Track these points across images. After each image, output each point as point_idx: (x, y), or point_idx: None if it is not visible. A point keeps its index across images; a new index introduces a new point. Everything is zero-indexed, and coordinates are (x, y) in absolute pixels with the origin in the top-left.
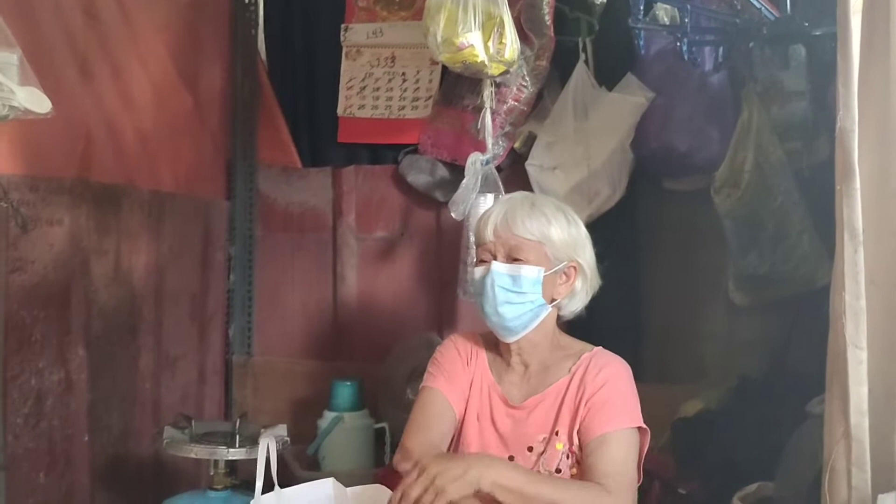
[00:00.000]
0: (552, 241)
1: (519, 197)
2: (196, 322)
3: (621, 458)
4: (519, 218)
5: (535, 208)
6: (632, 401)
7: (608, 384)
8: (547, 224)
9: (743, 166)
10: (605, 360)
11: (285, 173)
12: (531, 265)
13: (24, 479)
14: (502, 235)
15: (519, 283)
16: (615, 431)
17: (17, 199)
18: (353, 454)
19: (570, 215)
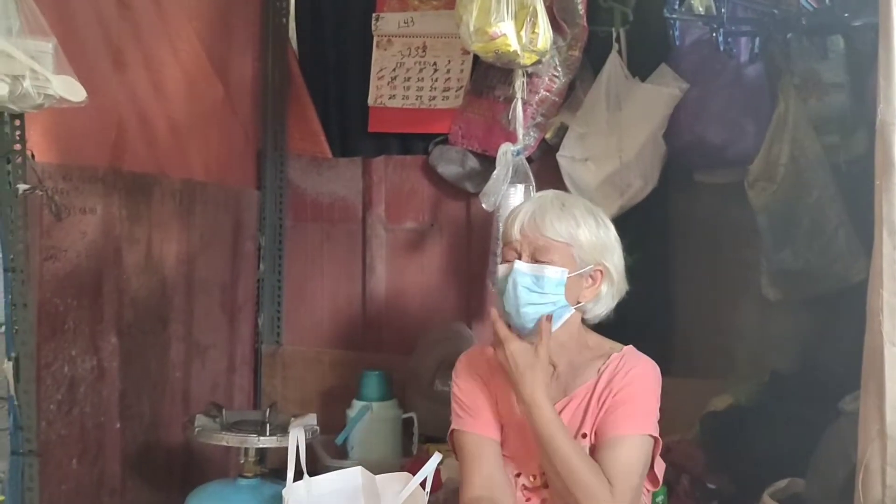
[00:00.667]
0: (580, 243)
1: (549, 196)
2: (226, 311)
3: (630, 462)
4: (548, 218)
5: (564, 209)
6: (651, 407)
7: (631, 386)
8: (576, 226)
9: (778, 160)
10: (634, 361)
11: (315, 163)
12: (555, 266)
13: (57, 465)
14: (529, 235)
15: (541, 284)
16: (628, 436)
17: (51, 188)
18: (381, 444)
19: (601, 218)
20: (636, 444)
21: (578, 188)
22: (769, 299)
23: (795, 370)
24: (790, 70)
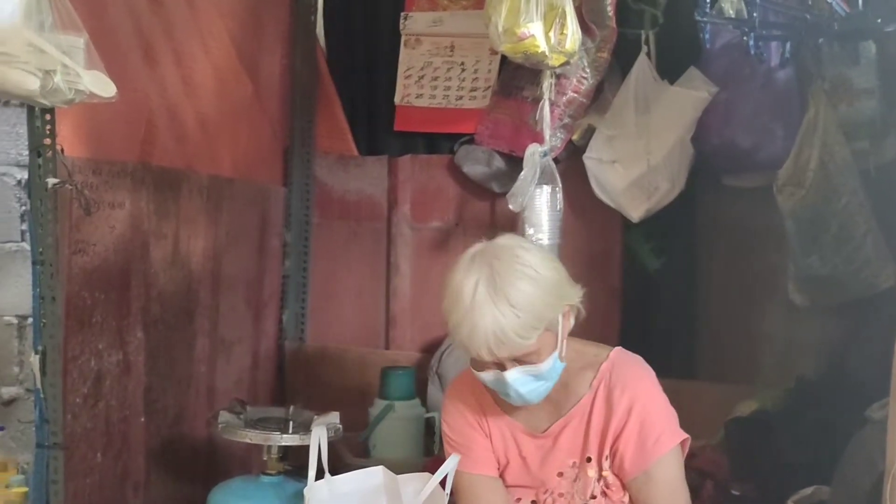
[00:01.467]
0: (547, 319)
1: (486, 297)
2: (251, 308)
3: (670, 488)
4: (511, 332)
5: (515, 307)
6: (664, 416)
7: (635, 408)
8: (534, 311)
9: (808, 165)
10: (625, 372)
11: (342, 161)
12: (544, 358)
13: (82, 458)
14: (501, 354)
15: (541, 377)
16: (657, 462)
17: (80, 182)
18: (403, 443)
19: (532, 268)
20: (668, 464)
21: (605, 190)
22: (796, 305)
23: (822, 376)
24: (821, 75)
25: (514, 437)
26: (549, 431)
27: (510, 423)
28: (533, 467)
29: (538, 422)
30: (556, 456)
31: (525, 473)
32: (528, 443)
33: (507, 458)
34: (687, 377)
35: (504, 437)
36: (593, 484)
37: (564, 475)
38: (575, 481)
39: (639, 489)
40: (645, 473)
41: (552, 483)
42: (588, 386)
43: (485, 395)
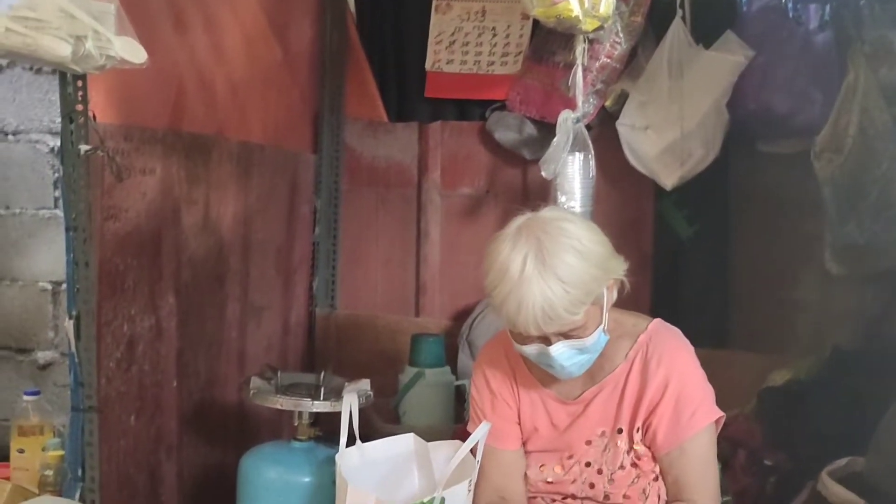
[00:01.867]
0: (594, 293)
1: (535, 272)
2: (281, 273)
3: (702, 463)
4: (560, 308)
5: (565, 283)
6: (700, 392)
7: (671, 383)
8: (583, 286)
9: (846, 130)
10: (663, 343)
11: (372, 127)
12: (590, 332)
13: (116, 420)
14: (549, 330)
15: (586, 350)
16: (691, 438)
17: (112, 148)
18: (433, 410)
19: (580, 241)
20: (701, 440)
21: (638, 157)
22: (832, 273)
23: (858, 346)
24: (861, 38)
25: (545, 405)
26: (581, 398)
27: (541, 391)
28: (561, 434)
29: (570, 389)
30: (585, 423)
31: (552, 439)
32: (559, 409)
33: (535, 425)
34: (719, 346)
35: (534, 404)
36: (623, 455)
37: (593, 443)
38: (604, 451)
39: (671, 464)
40: (679, 448)
41: (579, 450)
42: (624, 356)
43: (517, 361)
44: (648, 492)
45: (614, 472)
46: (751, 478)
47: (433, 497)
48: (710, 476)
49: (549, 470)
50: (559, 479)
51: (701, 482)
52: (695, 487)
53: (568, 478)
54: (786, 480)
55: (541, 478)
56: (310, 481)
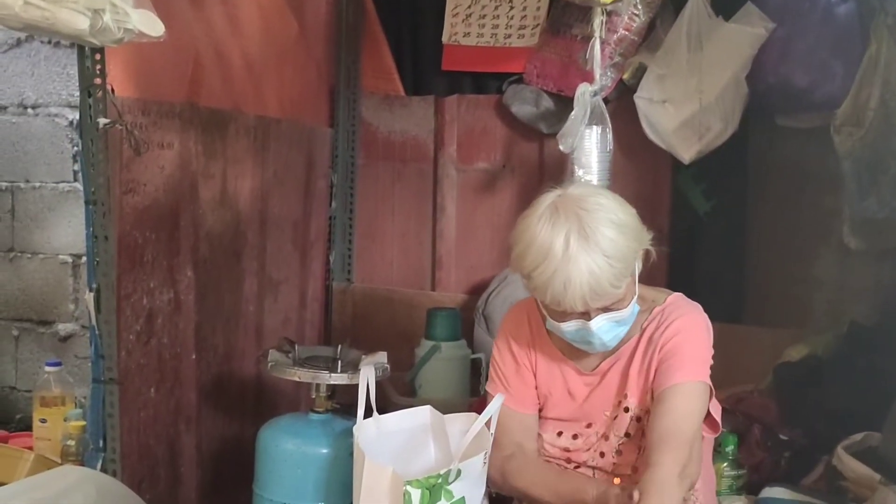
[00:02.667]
0: (629, 264)
1: (580, 249)
2: (298, 248)
3: (683, 412)
4: (606, 283)
5: (610, 257)
6: (701, 353)
7: (677, 336)
8: (625, 259)
9: (867, 104)
10: (677, 311)
11: (388, 101)
12: (626, 303)
13: (136, 392)
14: (595, 305)
15: (623, 322)
16: (679, 384)
17: (130, 122)
18: (449, 383)
19: (617, 215)
20: (688, 391)
21: (655, 130)
22: (850, 248)
23: (876, 322)
24: (884, 9)
25: (563, 373)
26: (598, 369)
27: (560, 359)
28: (580, 403)
29: (589, 360)
30: (602, 394)
31: (570, 409)
32: (576, 380)
33: (550, 391)
34: (736, 322)
35: (551, 372)
36: (629, 421)
37: (611, 414)
38: (614, 419)
39: (653, 407)
40: (662, 394)
41: (599, 421)
42: (640, 328)
43: (539, 329)
44: None
45: (621, 441)
46: (766, 452)
47: (449, 469)
48: (684, 429)
49: (567, 438)
50: (576, 448)
51: (670, 439)
52: (662, 445)
53: (583, 446)
54: (801, 455)
55: (557, 444)
56: (327, 453)
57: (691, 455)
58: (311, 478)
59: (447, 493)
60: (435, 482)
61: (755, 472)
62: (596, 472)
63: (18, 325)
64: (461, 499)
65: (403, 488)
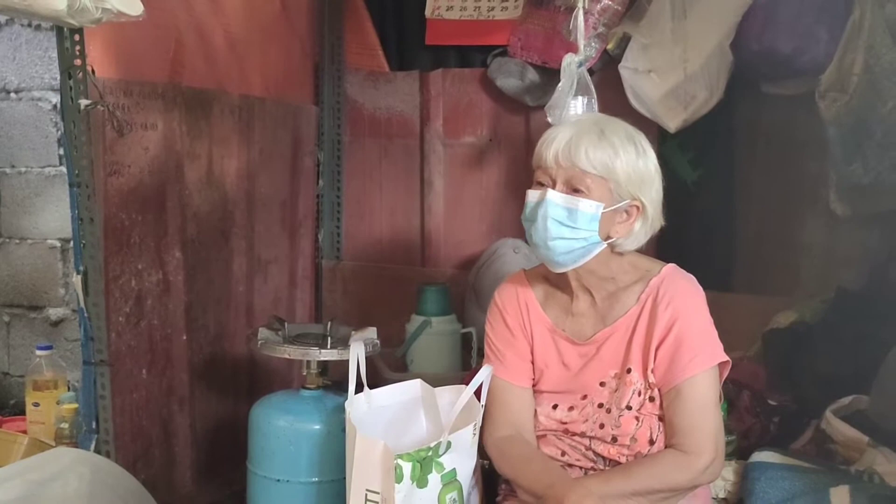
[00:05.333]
0: (616, 177)
1: (587, 122)
2: (286, 227)
3: (698, 407)
4: (584, 147)
5: (603, 138)
6: (708, 333)
7: (676, 324)
8: (613, 156)
9: (852, 69)
10: (673, 287)
11: (372, 77)
12: (590, 199)
13: (128, 374)
14: (563, 164)
15: (574, 218)
16: (689, 379)
17: (112, 103)
18: (439, 357)
19: (641, 146)
20: (700, 383)
21: (641, 100)
22: (837, 214)
23: (862, 287)
24: None
25: (556, 344)
26: (593, 339)
27: (553, 330)
28: (575, 374)
29: (583, 329)
30: (598, 365)
31: (565, 380)
32: (570, 350)
33: (546, 363)
34: (724, 289)
35: (545, 343)
36: (631, 395)
37: (606, 385)
38: (615, 391)
39: (668, 404)
40: (674, 389)
41: (593, 392)
42: (636, 299)
43: (531, 300)
44: (656, 436)
45: (621, 414)
46: (755, 418)
47: (439, 442)
48: (705, 421)
49: (562, 410)
50: (572, 419)
51: (694, 427)
52: (686, 432)
53: (580, 417)
54: (790, 420)
55: (553, 417)
56: (319, 429)
57: (717, 451)
58: (304, 454)
59: (438, 465)
60: (425, 455)
61: (745, 438)
62: (593, 441)
63: (9, 311)
64: (452, 471)
65: (394, 462)
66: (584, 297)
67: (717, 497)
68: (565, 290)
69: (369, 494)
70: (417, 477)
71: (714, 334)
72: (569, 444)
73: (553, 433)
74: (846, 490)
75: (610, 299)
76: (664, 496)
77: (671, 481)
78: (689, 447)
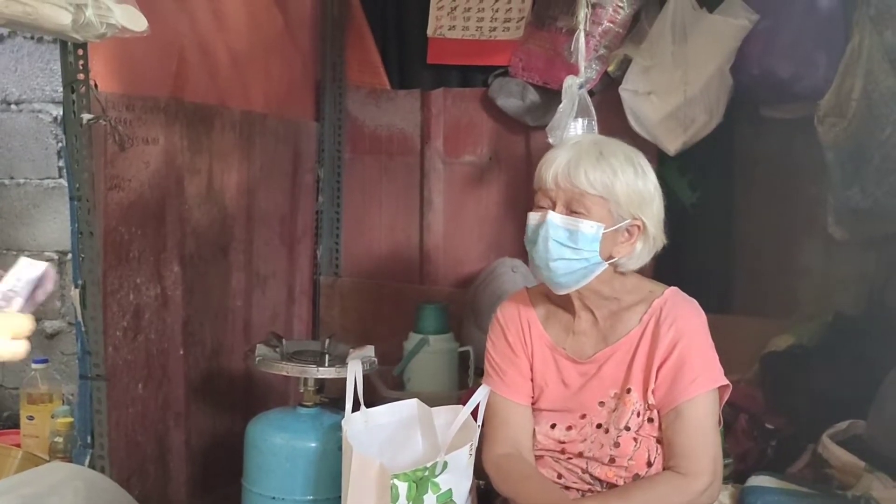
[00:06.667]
0: (616, 197)
1: (586, 143)
2: (285, 243)
3: (697, 429)
4: (583, 168)
5: (601, 159)
6: (709, 356)
7: (678, 345)
8: (612, 177)
9: (850, 94)
10: (676, 309)
11: (374, 95)
12: (591, 220)
13: (124, 389)
14: (563, 185)
15: (575, 239)
16: (690, 400)
17: (114, 117)
18: (437, 376)
19: (641, 166)
20: (706, 402)
21: (641, 123)
22: (835, 238)
23: (860, 311)
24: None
25: (556, 362)
26: (594, 358)
27: (554, 348)
28: (574, 393)
29: (583, 348)
30: (598, 384)
31: (564, 399)
32: (570, 369)
33: (545, 381)
34: (722, 312)
35: (546, 361)
36: (630, 416)
37: (605, 405)
38: (613, 411)
39: (668, 425)
40: (674, 410)
41: (593, 412)
42: (638, 320)
43: (533, 319)
44: (654, 458)
45: (620, 434)
46: (752, 441)
47: (436, 462)
48: (704, 444)
49: (560, 430)
50: (570, 439)
51: (693, 449)
52: (685, 454)
53: (578, 437)
54: (787, 443)
55: (551, 436)
56: (316, 447)
57: (715, 473)
58: (300, 471)
59: (434, 486)
60: (422, 475)
61: (741, 461)
62: (590, 462)
63: None
64: (448, 491)
65: (391, 481)
66: (587, 316)
67: None
68: (567, 309)
69: None
70: (413, 497)
71: (715, 358)
72: (566, 466)
73: (550, 454)
74: None
75: (612, 319)
76: None
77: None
78: (688, 469)
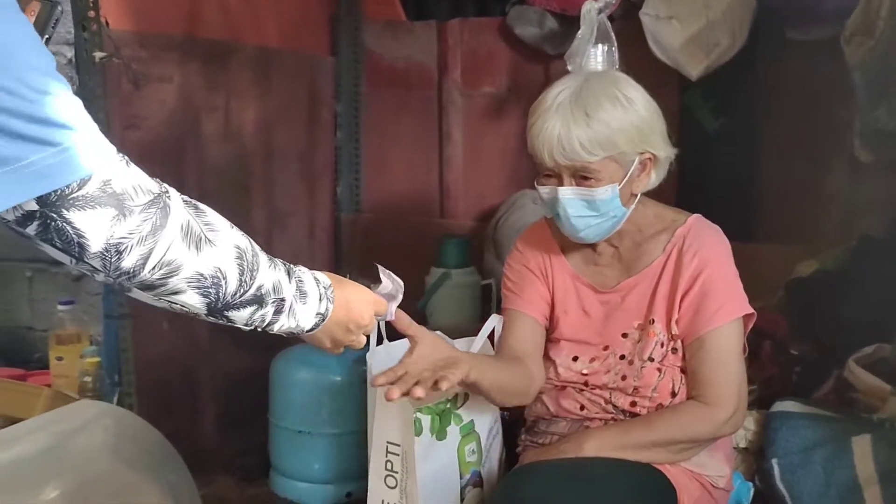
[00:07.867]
0: (618, 147)
1: (566, 102)
2: (305, 180)
3: (721, 359)
4: (576, 139)
5: (589, 119)
6: (729, 288)
7: (702, 275)
8: (608, 130)
9: (879, 12)
10: (700, 238)
11: (390, 27)
12: (603, 185)
13: (149, 327)
14: (562, 162)
15: (595, 206)
16: (714, 329)
17: (128, 56)
18: (459, 309)
19: (626, 96)
20: (723, 335)
21: (662, 48)
22: (861, 161)
23: (886, 234)
24: None
25: (577, 290)
26: (617, 289)
27: (575, 276)
28: (596, 324)
29: (606, 279)
30: (622, 315)
31: (584, 328)
32: (592, 297)
33: (564, 308)
34: (746, 239)
35: (566, 288)
36: (654, 346)
37: (629, 336)
38: (637, 343)
39: (692, 356)
40: (698, 340)
41: (616, 343)
42: (662, 249)
43: (554, 246)
44: (678, 388)
45: (644, 365)
46: (777, 367)
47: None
48: (728, 373)
49: (583, 362)
50: (593, 371)
51: (715, 379)
52: (707, 383)
53: (602, 369)
54: (812, 369)
55: (573, 368)
56: (340, 381)
57: (739, 403)
58: (325, 406)
59: (456, 418)
60: (444, 407)
61: (766, 387)
62: (614, 393)
63: (31, 266)
64: (470, 422)
65: (413, 415)
66: (609, 248)
67: (738, 446)
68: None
69: (390, 447)
70: (437, 429)
71: (739, 286)
72: (588, 397)
73: (573, 386)
74: (868, 439)
75: (636, 250)
76: (685, 447)
77: (692, 432)
78: (712, 399)
